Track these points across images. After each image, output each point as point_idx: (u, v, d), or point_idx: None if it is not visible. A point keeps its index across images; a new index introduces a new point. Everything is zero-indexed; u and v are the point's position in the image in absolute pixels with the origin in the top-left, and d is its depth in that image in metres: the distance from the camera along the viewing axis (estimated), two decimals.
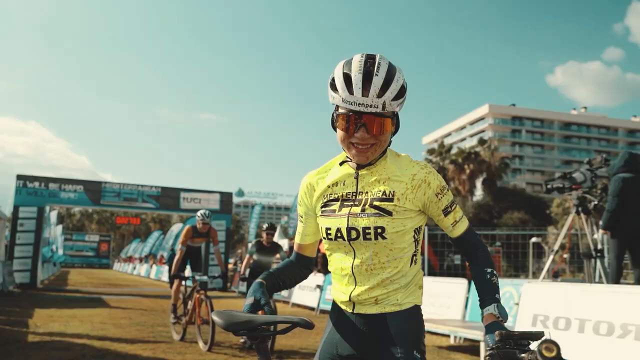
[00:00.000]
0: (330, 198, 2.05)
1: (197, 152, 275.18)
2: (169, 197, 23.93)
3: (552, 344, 1.35)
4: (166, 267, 30.15)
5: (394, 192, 1.95)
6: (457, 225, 2.04)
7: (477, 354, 7.48)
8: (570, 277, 16.78)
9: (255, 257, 8.24)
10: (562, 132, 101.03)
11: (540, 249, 21.51)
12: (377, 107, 1.82)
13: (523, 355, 1.46)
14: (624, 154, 7.73)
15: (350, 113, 1.85)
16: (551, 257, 8.63)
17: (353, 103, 1.82)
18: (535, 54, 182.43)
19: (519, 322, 7.00)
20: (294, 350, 7.75)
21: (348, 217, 1.97)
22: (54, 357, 6.79)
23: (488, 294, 1.92)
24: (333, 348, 2.06)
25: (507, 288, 8.64)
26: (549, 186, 8.28)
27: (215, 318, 1.94)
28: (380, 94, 1.81)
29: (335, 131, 1.96)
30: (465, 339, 8.04)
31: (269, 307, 1.89)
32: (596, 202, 8.15)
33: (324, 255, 7.20)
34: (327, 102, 1.95)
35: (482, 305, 1.92)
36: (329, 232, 2.01)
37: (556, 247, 8.69)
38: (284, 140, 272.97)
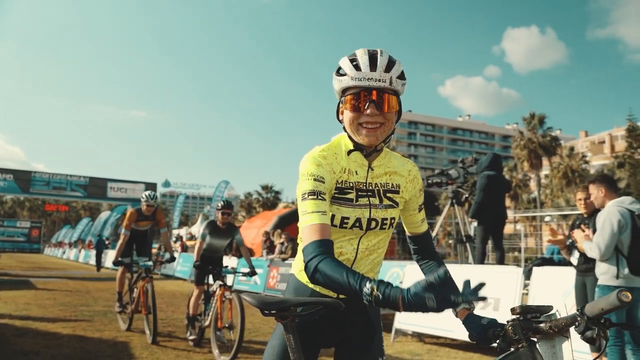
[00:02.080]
0: (345, 186, 1.81)
1: (128, 146, 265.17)
2: (96, 187, 22.96)
3: (627, 292, 1.40)
4: (94, 252, 28.86)
5: (399, 185, 1.88)
6: (424, 222, 2.00)
7: None
8: (454, 259, 17.53)
9: (208, 239, 6.64)
10: (449, 135, 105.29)
11: None
12: (385, 82, 1.69)
13: (541, 325, 1.51)
14: (489, 155, 8.16)
15: (360, 91, 1.70)
16: None
17: (362, 79, 1.69)
18: (428, 68, 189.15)
19: None
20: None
21: (370, 208, 1.81)
22: None
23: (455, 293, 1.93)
24: (309, 334, 1.87)
25: (395, 269, 8.89)
26: (429, 181, 8.56)
27: (247, 298, 1.82)
28: (387, 70, 1.70)
29: (341, 122, 1.81)
30: None
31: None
32: (467, 195, 8.55)
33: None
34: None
35: None
36: (345, 221, 1.79)
37: (434, 233, 9.04)
38: (209, 135, 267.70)
